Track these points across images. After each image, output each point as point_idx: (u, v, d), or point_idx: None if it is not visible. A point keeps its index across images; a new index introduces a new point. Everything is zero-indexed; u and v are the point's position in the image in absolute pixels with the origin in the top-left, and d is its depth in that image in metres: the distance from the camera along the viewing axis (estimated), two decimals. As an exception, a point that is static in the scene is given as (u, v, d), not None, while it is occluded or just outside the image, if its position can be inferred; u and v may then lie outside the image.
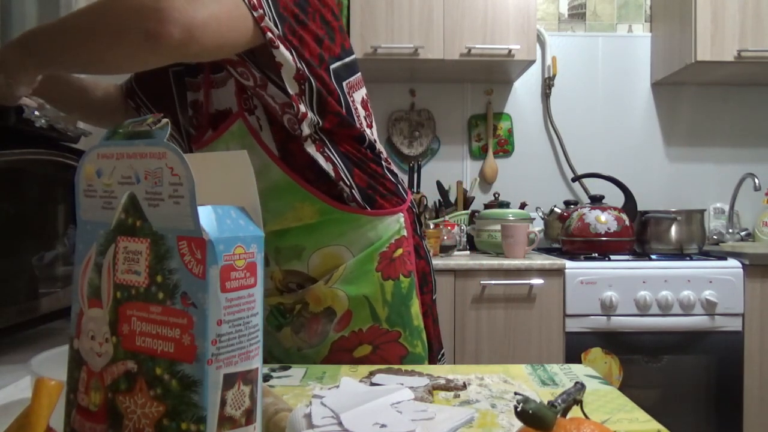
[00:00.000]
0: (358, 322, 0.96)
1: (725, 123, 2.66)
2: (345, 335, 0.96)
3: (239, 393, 0.45)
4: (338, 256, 0.95)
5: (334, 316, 0.96)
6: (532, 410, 0.44)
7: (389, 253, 0.97)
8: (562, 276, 1.96)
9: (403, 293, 0.98)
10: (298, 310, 0.98)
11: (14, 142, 0.94)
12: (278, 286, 0.99)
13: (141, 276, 0.45)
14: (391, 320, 0.97)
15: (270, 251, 0.96)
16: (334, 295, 0.95)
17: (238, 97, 0.90)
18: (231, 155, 0.51)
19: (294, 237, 0.95)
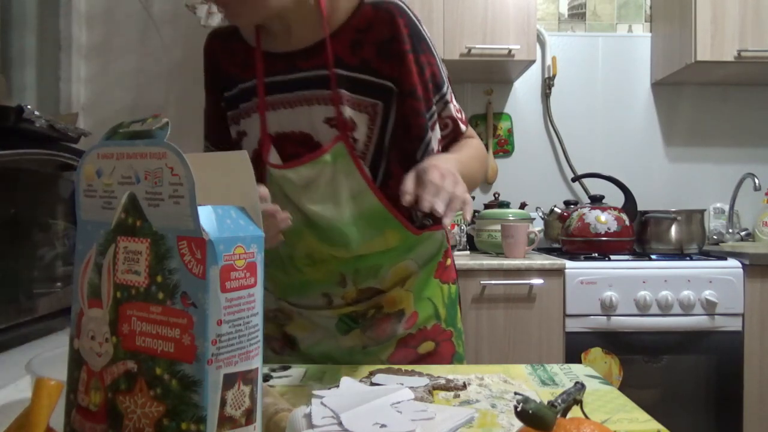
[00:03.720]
0: (423, 321, 1.05)
1: (725, 123, 2.65)
2: (412, 332, 1.04)
3: (239, 393, 0.45)
4: (408, 269, 1.04)
5: (403, 316, 1.04)
6: (532, 410, 0.44)
7: (443, 262, 1.09)
8: (562, 276, 1.96)
9: (453, 297, 1.10)
10: (372, 314, 1.04)
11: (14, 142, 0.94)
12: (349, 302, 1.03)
13: (141, 276, 0.45)
14: (447, 321, 1.07)
15: (349, 273, 1.01)
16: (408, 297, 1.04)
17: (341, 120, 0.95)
18: (231, 155, 0.51)
19: (375, 258, 1.01)
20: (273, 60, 0.97)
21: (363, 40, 0.94)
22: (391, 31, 0.93)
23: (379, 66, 0.94)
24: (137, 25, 1.88)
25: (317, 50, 0.94)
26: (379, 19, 0.93)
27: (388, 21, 0.93)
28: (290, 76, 0.96)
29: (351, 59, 0.94)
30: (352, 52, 0.94)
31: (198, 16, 1.60)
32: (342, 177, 0.94)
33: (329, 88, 0.93)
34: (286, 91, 0.96)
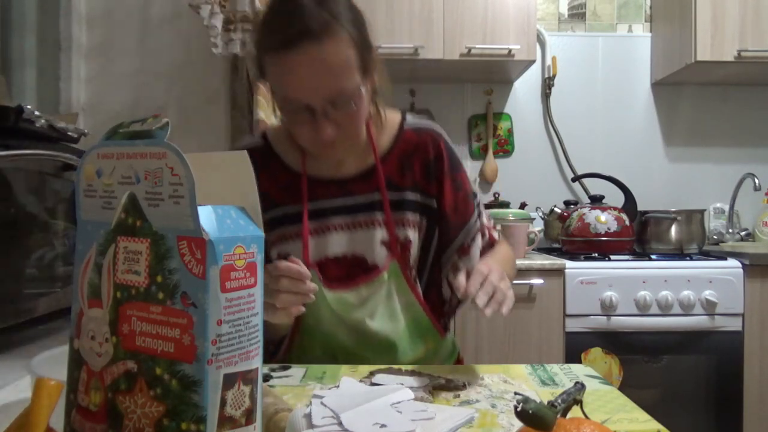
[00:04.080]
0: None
1: (725, 123, 2.65)
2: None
3: (239, 393, 0.45)
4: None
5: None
6: (532, 410, 0.44)
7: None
8: (562, 276, 1.96)
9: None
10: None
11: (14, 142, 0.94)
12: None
13: (141, 276, 0.45)
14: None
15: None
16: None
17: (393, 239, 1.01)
18: (231, 155, 0.51)
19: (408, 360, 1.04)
20: (322, 186, 1.01)
21: (410, 163, 1.03)
22: (435, 152, 1.03)
23: (425, 185, 1.03)
24: (137, 25, 1.88)
25: (368, 176, 1.01)
26: (423, 143, 1.03)
27: (432, 144, 1.04)
28: (344, 202, 1.01)
29: (401, 181, 1.02)
30: (401, 174, 1.02)
31: (201, 15, 1.60)
32: (396, 293, 1.01)
33: (383, 211, 1.00)
34: (339, 215, 1.01)
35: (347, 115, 0.89)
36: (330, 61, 0.85)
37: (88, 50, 1.87)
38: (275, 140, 1.05)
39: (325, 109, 0.88)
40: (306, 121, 0.89)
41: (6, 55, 1.65)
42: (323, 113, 0.88)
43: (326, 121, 0.88)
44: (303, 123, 0.89)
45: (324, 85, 0.86)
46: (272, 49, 0.86)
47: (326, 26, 0.84)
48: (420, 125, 1.06)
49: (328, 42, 0.84)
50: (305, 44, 0.83)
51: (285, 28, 0.84)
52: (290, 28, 0.84)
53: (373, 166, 1.01)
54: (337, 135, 0.90)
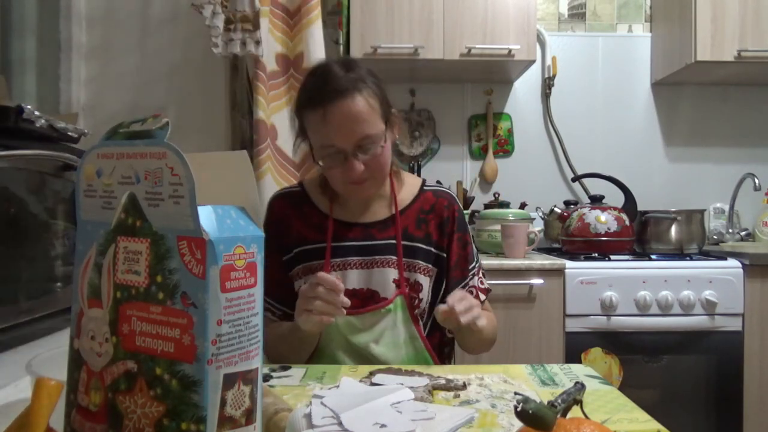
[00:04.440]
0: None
1: (725, 123, 2.65)
2: None
3: (239, 393, 0.45)
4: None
5: None
6: (532, 410, 0.44)
7: None
8: (562, 276, 1.96)
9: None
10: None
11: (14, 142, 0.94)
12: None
13: (141, 276, 0.45)
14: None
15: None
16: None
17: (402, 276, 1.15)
18: (231, 155, 0.51)
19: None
20: (347, 228, 1.18)
21: (427, 219, 1.20)
22: (448, 213, 1.21)
23: (438, 239, 1.19)
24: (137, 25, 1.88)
25: (388, 224, 1.18)
26: (440, 204, 1.21)
27: (446, 206, 1.21)
28: (365, 243, 1.16)
29: (417, 233, 1.18)
30: (417, 227, 1.19)
31: (204, 15, 1.60)
32: (401, 325, 1.13)
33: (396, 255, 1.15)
34: (359, 254, 1.15)
35: (373, 156, 1.07)
36: (357, 111, 1.04)
37: (88, 51, 1.87)
38: (310, 187, 1.23)
39: (355, 152, 1.05)
40: (339, 164, 1.07)
41: (6, 56, 1.65)
42: (353, 155, 1.05)
43: (356, 162, 1.06)
44: (336, 166, 1.07)
45: (353, 131, 1.04)
46: (310, 107, 1.06)
47: (353, 84, 1.04)
48: (438, 189, 1.25)
49: (355, 96, 1.04)
50: (337, 100, 1.03)
51: (319, 88, 1.05)
52: (324, 88, 1.04)
53: (393, 216, 1.18)
54: (364, 174, 1.07)
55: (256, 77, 1.72)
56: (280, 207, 1.22)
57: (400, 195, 1.21)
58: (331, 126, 1.04)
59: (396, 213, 1.18)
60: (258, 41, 1.65)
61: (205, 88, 1.87)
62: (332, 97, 1.03)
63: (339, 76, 1.05)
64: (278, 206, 1.22)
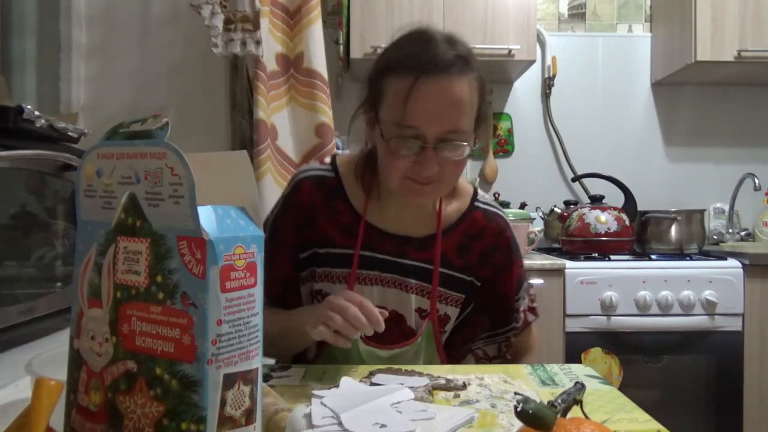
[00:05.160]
0: None
1: (725, 123, 2.65)
2: None
3: (239, 393, 0.45)
4: None
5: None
6: (532, 410, 0.44)
7: None
8: (562, 276, 1.96)
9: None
10: None
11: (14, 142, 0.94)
12: None
13: (141, 276, 0.45)
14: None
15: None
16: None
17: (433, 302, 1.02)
18: (231, 155, 0.51)
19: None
20: (379, 237, 1.01)
21: (470, 246, 1.03)
22: (496, 242, 1.04)
23: (478, 271, 1.04)
24: (137, 25, 1.88)
25: (427, 244, 1.01)
26: (490, 230, 1.04)
27: (497, 233, 1.05)
28: (396, 260, 1.01)
29: (457, 261, 1.03)
30: (458, 254, 1.03)
31: (203, 15, 1.60)
32: (423, 353, 1.01)
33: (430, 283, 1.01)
34: (387, 271, 1.00)
35: (453, 159, 0.89)
36: (457, 95, 0.87)
37: (88, 51, 1.87)
38: (345, 176, 1.03)
39: (436, 145, 0.87)
40: (411, 154, 0.88)
41: (6, 56, 1.64)
42: (433, 147, 0.87)
43: (434, 157, 0.88)
44: (406, 155, 0.88)
45: (446, 117, 0.87)
46: (401, 71, 0.87)
47: (461, 63, 0.88)
48: (490, 211, 1.06)
49: (459, 79, 0.87)
50: (438, 75, 0.86)
51: (420, 56, 0.87)
52: (425, 57, 0.86)
53: (434, 235, 1.02)
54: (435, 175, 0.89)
55: (256, 77, 1.72)
56: (309, 193, 1.01)
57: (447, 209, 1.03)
58: (422, 102, 0.85)
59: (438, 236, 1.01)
60: (258, 41, 1.65)
61: (205, 88, 1.87)
62: (433, 68, 0.85)
63: (444, 48, 0.88)
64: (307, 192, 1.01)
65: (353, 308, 0.81)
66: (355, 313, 0.80)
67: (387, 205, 1.01)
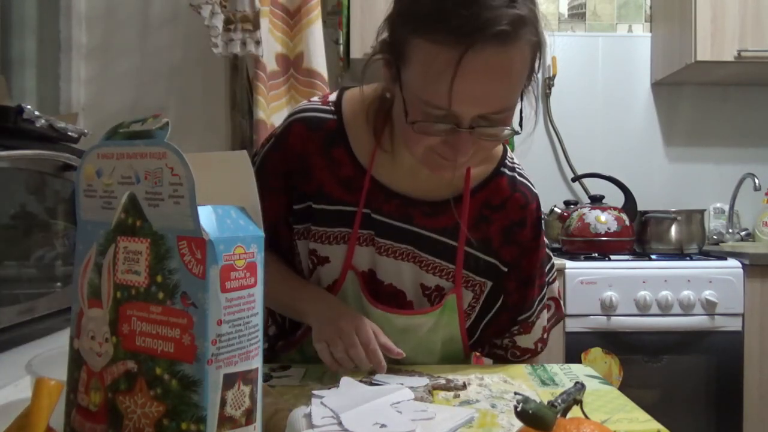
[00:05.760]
0: None
1: (725, 123, 2.65)
2: None
3: (239, 393, 0.45)
4: None
5: None
6: (532, 410, 0.44)
7: None
8: (562, 276, 1.96)
9: None
10: None
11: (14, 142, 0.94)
12: None
13: (141, 276, 0.45)
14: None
15: None
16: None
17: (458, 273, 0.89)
18: (231, 155, 0.51)
19: None
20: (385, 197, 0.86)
21: (491, 218, 0.88)
22: (521, 215, 0.89)
23: (500, 248, 0.90)
24: (137, 25, 1.88)
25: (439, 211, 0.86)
26: (514, 201, 0.89)
27: (523, 205, 0.89)
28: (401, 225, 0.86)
29: (473, 233, 0.87)
30: (475, 225, 0.88)
31: (202, 15, 1.60)
32: (442, 327, 0.90)
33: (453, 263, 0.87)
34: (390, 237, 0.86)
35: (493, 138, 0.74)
36: (509, 70, 0.69)
37: (88, 50, 1.87)
38: (351, 119, 0.86)
39: (473, 124, 0.71)
40: (442, 132, 0.72)
41: (6, 56, 1.65)
42: (468, 128, 0.71)
43: (470, 138, 0.71)
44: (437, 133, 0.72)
45: (490, 99, 0.70)
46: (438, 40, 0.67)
47: (517, 28, 0.67)
48: (517, 179, 0.90)
49: (513, 48, 0.68)
50: (488, 47, 0.66)
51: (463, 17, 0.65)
52: (472, 20, 0.65)
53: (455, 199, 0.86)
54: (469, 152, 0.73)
55: (256, 77, 1.72)
56: (303, 138, 0.86)
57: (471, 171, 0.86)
58: (464, 83, 0.66)
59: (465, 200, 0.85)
60: (258, 41, 1.65)
61: (205, 88, 1.87)
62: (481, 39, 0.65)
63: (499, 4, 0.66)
64: (301, 135, 0.86)
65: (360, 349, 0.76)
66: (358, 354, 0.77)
67: (399, 158, 0.86)
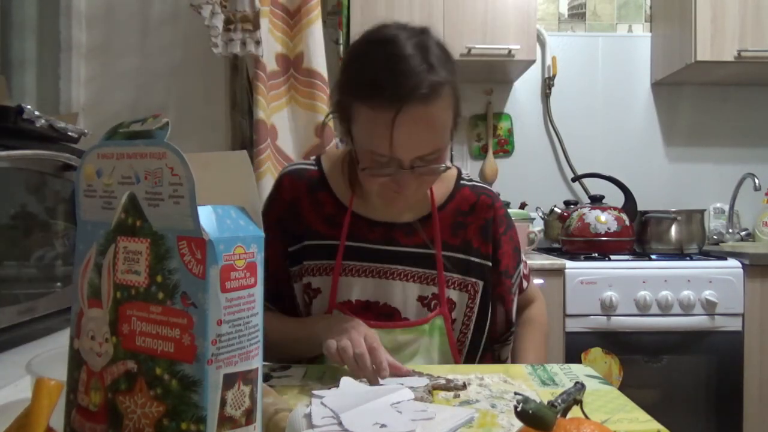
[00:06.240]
0: None
1: (725, 123, 2.65)
2: None
3: (239, 393, 0.45)
4: None
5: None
6: (532, 410, 0.44)
7: None
8: (562, 276, 1.96)
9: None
10: None
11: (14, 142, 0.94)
12: None
13: (141, 276, 0.45)
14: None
15: None
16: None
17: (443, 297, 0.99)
18: (231, 155, 0.51)
19: None
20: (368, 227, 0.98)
21: (465, 223, 1.01)
22: (491, 213, 1.03)
23: (480, 246, 1.02)
24: (137, 25, 1.88)
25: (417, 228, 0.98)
26: (481, 203, 1.03)
27: (489, 205, 1.03)
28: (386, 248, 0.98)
29: (453, 240, 1.00)
30: (453, 233, 1.00)
31: (203, 15, 1.60)
32: (437, 353, 0.98)
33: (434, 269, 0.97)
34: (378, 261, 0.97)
35: (431, 173, 0.88)
36: (433, 122, 0.83)
37: (88, 50, 1.87)
38: (330, 170, 1.02)
39: (413, 165, 0.85)
40: (388, 173, 0.86)
41: (6, 56, 1.65)
42: (410, 168, 0.85)
43: (411, 177, 0.86)
44: (384, 175, 0.86)
45: (422, 145, 0.84)
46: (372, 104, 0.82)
47: (435, 84, 0.81)
48: (478, 185, 1.06)
49: (435, 104, 0.82)
50: (413, 106, 0.80)
51: (392, 86, 0.80)
52: (399, 89, 0.80)
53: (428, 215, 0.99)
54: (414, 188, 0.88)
55: (256, 77, 1.72)
56: (292, 187, 1.00)
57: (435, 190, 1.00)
58: (395, 135, 0.81)
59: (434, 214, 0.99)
60: (258, 41, 1.65)
61: (205, 88, 1.87)
62: (407, 100, 0.80)
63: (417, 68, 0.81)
64: (289, 185, 1.01)
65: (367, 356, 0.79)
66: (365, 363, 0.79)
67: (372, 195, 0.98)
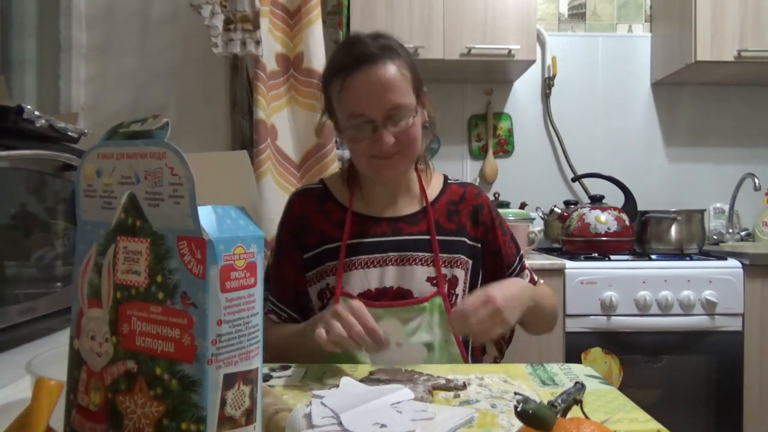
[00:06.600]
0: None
1: (725, 123, 2.65)
2: None
3: (239, 393, 0.45)
4: None
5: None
6: (532, 410, 0.44)
7: None
8: (562, 276, 1.96)
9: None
10: None
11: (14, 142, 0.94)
12: None
13: (141, 276, 0.45)
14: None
15: None
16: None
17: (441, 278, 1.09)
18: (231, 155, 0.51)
19: None
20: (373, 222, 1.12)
21: (458, 210, 1.16)
22: (479, 201, 1.17)
23: (472, 230, 1.15)
24: (137, 25, 1.88)
25: (418, 218, 1.13)
26: (469, 193, 1.18)
27: (476, 195, 1.18)
28: (394, 238, 1.10)
29: (449, 225, 1.14)
30: (449, 219, 1.14)
31: (202, 15, 1.60)
32: (437, 327, 1.06)
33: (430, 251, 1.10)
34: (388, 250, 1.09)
35: (404, 129, 1.02)
36: (387, 77, 0.99)
37: (88, 50, 1.86)
38: (331, 183, 1.18)
39: (385, 123, 1.00)
40: (367, 136, 1.02)
41: (6, 56, 1.64)
42: (383, 125, 1.00)
43: (386, 132, 1.00)
44: (364, 138, 1.02)
45: (384, 99, 0.99)
46: (337, 77, 1.02)
47: (383, 51, 1.00)
48: (463, 181, 1.22)
49: (385, 63, 1.00)
50: (364, 66, 0.99)
51: (346, 57, 1.01)
52: (350, 56, 1.00)
53: (423, 209, 1.14)
54: (394, 147, 1.02)
55: (256, 77, 1.72)
56: (300, 204, 1.15)
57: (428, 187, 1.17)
58: (360, 92, 0.99)
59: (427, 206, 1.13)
60: (258, 41, 1.65)
61: (205, 88, 1.87)
62: (361, 62, 0.99)
63: (367, 43, 1.01)
64: (298, 203, 1.16)
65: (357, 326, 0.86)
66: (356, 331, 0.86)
67: (374, 194, 1.14)
